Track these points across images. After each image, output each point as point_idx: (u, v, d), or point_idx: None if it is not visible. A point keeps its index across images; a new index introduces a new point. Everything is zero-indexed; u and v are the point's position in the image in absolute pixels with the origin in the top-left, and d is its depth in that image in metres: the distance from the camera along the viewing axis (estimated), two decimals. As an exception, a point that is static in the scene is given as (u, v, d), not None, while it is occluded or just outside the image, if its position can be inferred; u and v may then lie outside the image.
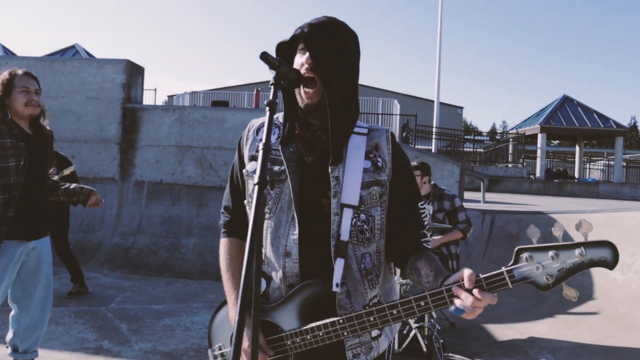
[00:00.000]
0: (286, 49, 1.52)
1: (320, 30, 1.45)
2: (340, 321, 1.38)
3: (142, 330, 4.43)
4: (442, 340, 4.31)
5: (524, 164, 20.36)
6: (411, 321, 4.08)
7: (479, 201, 9.73)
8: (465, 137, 25.19)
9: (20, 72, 2.88)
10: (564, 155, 31.53)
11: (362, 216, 1.47)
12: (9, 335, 2.93)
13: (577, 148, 22.19)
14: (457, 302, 1.26)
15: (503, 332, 4.86)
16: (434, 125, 22.48)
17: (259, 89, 10.36)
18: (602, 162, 28.75)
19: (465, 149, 22.42)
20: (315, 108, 1.46)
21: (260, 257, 1.21)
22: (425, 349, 3.98)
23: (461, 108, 41.76)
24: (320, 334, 1.40)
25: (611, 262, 1.16)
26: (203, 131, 7.44)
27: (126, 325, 4.53)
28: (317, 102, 1.44)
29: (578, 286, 4.21)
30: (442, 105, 37.14)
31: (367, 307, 1.48)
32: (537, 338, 4.65)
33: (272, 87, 1.32)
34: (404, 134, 19.57)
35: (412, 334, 4.02)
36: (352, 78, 1.51)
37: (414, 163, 4.94)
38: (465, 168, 12.46)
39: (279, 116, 1.62)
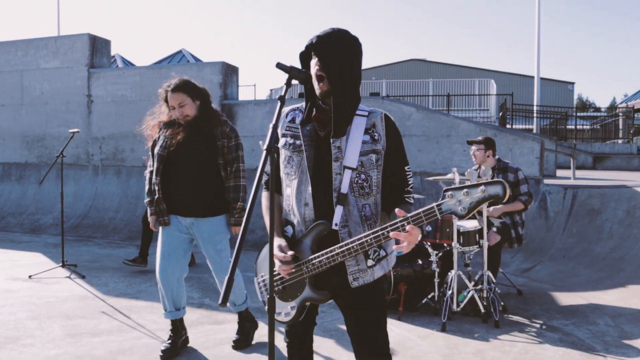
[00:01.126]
0: (306, 55, 2.10)
1: (325, 40, 2.00)
2: (336, 250, 1.93)
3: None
4: (502, 303, 4.65)
5: (633, 139, 18.98)
6: (469, 283, 4.46)
7: (569, 178, 9.57)
8: (573, 114, 23.87)
9: (170, 87, 3.55)
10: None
11: (362, 176, 2.01)
12: None
13: (702, 119, 20.21)
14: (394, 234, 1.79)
15: (569, 299, 5.04)
16: (535, 103, 21.65)
17: None
18: None
19: (570, 127, 21.32)
20: (327, 96, 2.01)
21: (273, 199, 1.78)
22: (482, 310, 4.35)
23: (572, 84, 39.15)
24: (324, 259, 1.96)
25: (502, 195, 1.62)
26: (291, 121, 8.18)
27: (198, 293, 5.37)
28: (327, 92, 1.99)
29: None
30: (549, 81, 35.27)
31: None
32: (601, 305, 4.80)
33: (285, 85, 1.90)
34: (501, 114, 19.14)
35: (469, 295, 4.41)
36: (352, 73, 2.03)
37: (479, 138, 5.26)
38: (554, 144, 12.11)
39: (303, 104, 2.19)
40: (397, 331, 4.09)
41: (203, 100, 3.57)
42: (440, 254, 4.69)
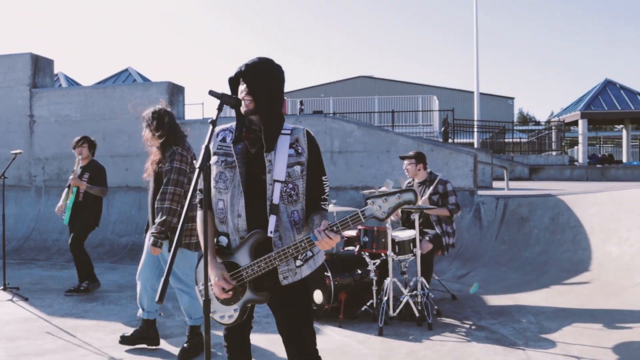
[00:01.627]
0: (235, 81, 2.34)
1: (252, 67, 2.25)
2: (273, 255, 2.16)
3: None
4: (436, 307, 4.97)
5: (566, 151, 20.21)
6: (404, 290, 4.76)
7: (502, 189, 10.16)
8: (511, 127, 25.11)
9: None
10: (618, 140, 30.65)
11: (290, 185, 2.26)
12: None
13: (624, 132, 21.73)
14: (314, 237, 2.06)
15: (498, 301, 5.44)
16: (475, 117, 22.68)
17: (286, 98, 11.24)
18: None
19: (508, 140, 22.43)
20: (252, 114, 2.26)
21: (207, 213, 2.00)
22: (417, 314, 4.65)
23: (512, 98, 41.07)
24: (262, 264, 2.18)
25: (414, 200, 1.93)
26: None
27: (171, 304, 5.45)
28: (252, 110, 2.23)
29: (577, 261, 4.99)
30: (489, 96, 36.87)
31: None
32: (526, 305, 5.21)
33: (217, 110, 2.13)
34: (443, 129, 19.96)
35: (404, 301, 4.70)
36: (276, 96, 2.29)
37: (410, 153, 5.63)
38: (490, 157, 12.82)
39: (232, 125, 2.42)
40: (337, 337, 4.32)
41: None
42: (377, 263, 4.97)
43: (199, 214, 2.45)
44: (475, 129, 22.19)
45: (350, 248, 5.40)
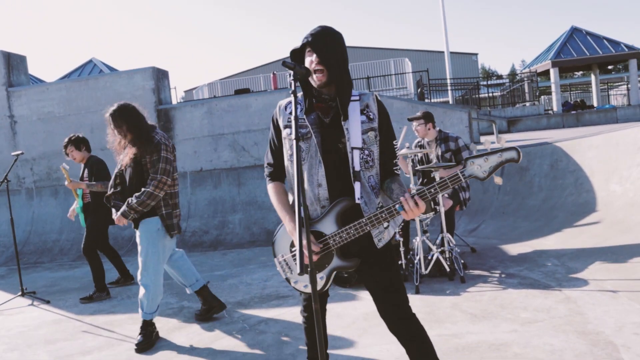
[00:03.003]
0: (296, 52, 2.31)
1: (320, 37, 2.22)
2: (364, 220, 2.17)
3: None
4: (462, 261, 5.10)
5: (540, 101, 20.61)
6: (434, 247, 4.86)
7: (493, 142, 10.35)
8: (481, 83, 25.41)
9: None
10: (586, 86, 31.33)
11: (366, 151, 2.27)
12: None
13: (593, 77, 22.21)
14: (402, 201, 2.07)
15: (516, 249, 5.60)
16: (448, 76, 22.86)
17: (275, 72, 11.12)
18: (623, 87, 28.51)
19: (482, 95, 22.68)
20: (326, 86, 2.24)
21: (303, 185, 1.99)
22: (448, 269, 4.76)
23: (476, 54, 41.45)
24: (352, 231, 2.19)
25: (517, 158, 1.93)
26: (231, 118, 8.27)
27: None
28: (325, 82, 2.21)
29: (583, 203, 5.15)
30: (455, 54, 37.12)
31: (378, 209, 2.28)
32: (545, 250, 5.39)
33: (292, 81, 2.10)
34: (419, 90, 20.05)
35: (434, 257, 4.80)
36: (345, 64, 2.27)
37: (417, 114, 5.66)
38: (475, 113, 13.00)
39: (299, 96, 2.40)
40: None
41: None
42: (401, 225, 5.04)
43: (272, 186, 2.45)
44: (449, 88, 22.39)
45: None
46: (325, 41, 2.21)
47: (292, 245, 2.39)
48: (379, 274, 2.31)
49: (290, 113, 2.35)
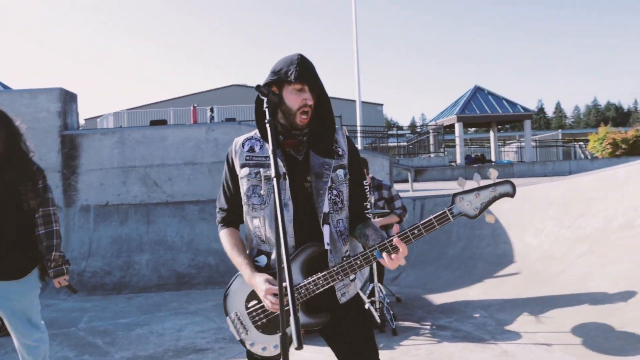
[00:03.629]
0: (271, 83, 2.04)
1: (308, 69, 1.97)
2: (335, 269, 1.89)
3: (117, 342, 4.70)
4: (392, 312, 4.92)
5: (445, 152, 21.76)
6: (364, 297, 4.64)
7: (407, 191, 10.56)
8: (389, 132, 26.44)
9: None
10: (482, 142, 33.70)
11: (334, 192, 2.01)
12: None
13: (492, 133, 23.94)
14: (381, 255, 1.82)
15: (441, 299, 5.55)
16: (358, 124, 23.51)
17: (195, 105, 10.66)
18: (515, 144, 31.03)
19: (389, 144, 23.52)
20: (309, 126, 2.01)
21: (285, 230, 1.67)
22: (378, 321, 4.55)
23: (381, 105, 43.40)
24: (320, 281, 1.90)
25: (512, 192, 1.75)
26: (144, 150, 7.69)
27: (101, 339, 4.78)
28: (308, 123, 1.98)
29: (501, 254, 5.08)
30: (364, 104, 38.60)
31: (344, 259, 2.01)
32: (470, 300, 5.38)
33: (266, 109, 1.82)
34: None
35: (366, 308, 4.58)
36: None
37: None
38: (392, 161, 13.35)
39: (255, 133, 2.12)
40: (306, 354, 4.07)
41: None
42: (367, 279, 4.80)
43: (226, 232, 2.13)
44: (359, 134, 23.01)
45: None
46: (314, 74, 1.98)
47: (249, 299, 2.05)
48: (345, 333, 2.02)
49: (249, 150, 2.06)
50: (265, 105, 1.83)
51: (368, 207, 2.15)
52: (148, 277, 7.19)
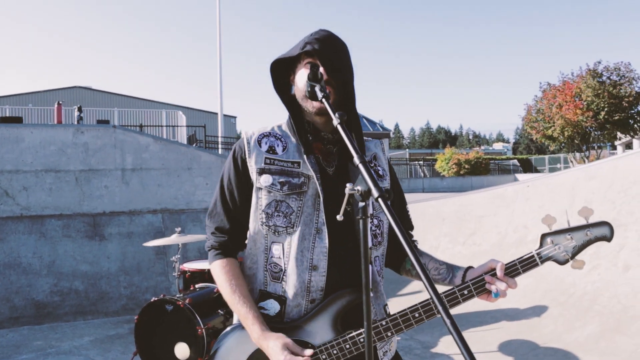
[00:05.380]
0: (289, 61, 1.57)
1: (329, 44, 1.51)
2: (384, 323, 1.45)
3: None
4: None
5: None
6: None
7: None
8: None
9: None
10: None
11: (375, 221, 1.58)
12: None
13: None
14: (493, 288, 1.45)
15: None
16: (220, 134, 22.82)
17: (60, 102, 9.15)
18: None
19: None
20: (321, 116, 1.52)
21: (367, 269, 1.22)
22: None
23: (235, 117, 43.04)
24: (361, 339, 1.45)
25: (609, 236, 1.47)
26: (-7, 153, 6.31)
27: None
28: (324, 110, 1.46)
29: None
30: (216, 115, 37.99)
31: (386, 307, 1.59)
32: (384, 320, 5.21)
33: (324, 100, 1.34)
34: (194, 145, 19.38)
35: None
36: (353, 88, 1.59)
37: None
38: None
39: (275, 128, 1.62)
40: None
41: None
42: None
43: (223, 264, 1.57)
44: (220, 146, 22.32)
45: (206, 285, 4.50)
46: (337, 49, 1.52)
47: None
48: None
49: (269, 150, 1.55)
50: (319, 94, 1.36)
51: (414, 236, 1.75)
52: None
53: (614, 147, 31.15)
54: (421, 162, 35.27)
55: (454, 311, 4.22)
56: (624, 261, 4.50)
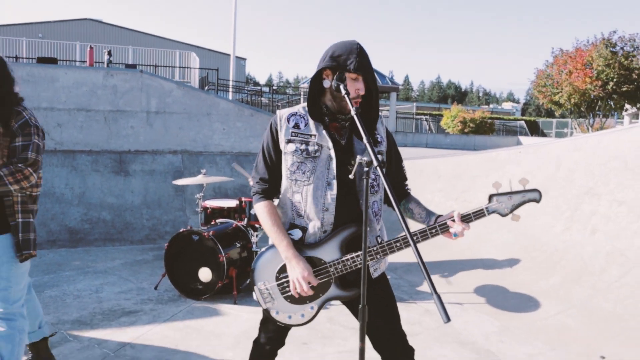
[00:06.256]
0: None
1: (365, 60, 2.07)
2: (375, 248, 2.08)
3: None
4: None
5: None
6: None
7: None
8: (270, 89, 26.40)
9: None
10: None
11: (372, 175, 2.19)
12: None
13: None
14: (452, 230, 2.07)
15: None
16: (231, 78, 23.09)
17: (92, 45, 9.61)
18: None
19: (272, 100, 23.57)
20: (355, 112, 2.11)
21: (367, 215, 1.83)
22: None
23: (244, 59, 42.84)
24: (359, 259, 2.08)
25: (539, 199, 2.08)
26: (30, 91, 6.86)
27: (7, 300, 4.37)
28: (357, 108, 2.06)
29: (395, 220, 5.43)
30: (228, 56, 37.78)
31: (378, 238, 2.21)
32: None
33: (346, 97, 1.94)
34: (207, 88, 19.76)
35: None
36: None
37: None
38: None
39: (300, 109, 2.20)
40: (245, 315, 4.21)
41: None
42: (260, 235, 4.93)
43: (264, 205, 2.18)
44: (231, 89, 22.65)
45: (225, 220, 5.17)
46: (370, 65, 2.11)
47: (281, 271, 2.17)
48: (376, 305, 2.17)
49: (294, 126, 2.15)
50: (341, 90, 1.96)
51: (408, 185, 2.36)
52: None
53: (622, 118, 31.32)
54: (428, 117, 35.68)
55: (442, 256, 5.03)
56: (593, 225, 5.13)
